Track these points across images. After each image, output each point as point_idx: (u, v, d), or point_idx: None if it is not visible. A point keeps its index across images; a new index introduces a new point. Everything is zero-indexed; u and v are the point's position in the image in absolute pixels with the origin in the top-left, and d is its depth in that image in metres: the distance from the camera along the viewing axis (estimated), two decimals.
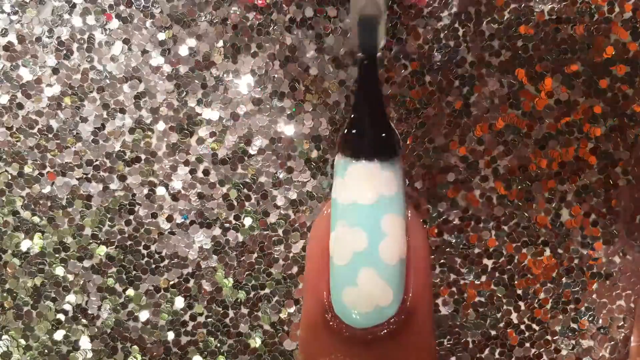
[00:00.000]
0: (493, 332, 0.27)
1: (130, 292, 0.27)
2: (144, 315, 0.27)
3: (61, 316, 0.27)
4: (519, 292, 0.27)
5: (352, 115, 0.21)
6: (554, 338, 0.27)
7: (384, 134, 0.21)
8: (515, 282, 0.27)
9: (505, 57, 0.26)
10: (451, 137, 0.27)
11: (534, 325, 0.27)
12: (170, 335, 0.27)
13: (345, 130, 0.21)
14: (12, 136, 0.27)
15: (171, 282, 0.27)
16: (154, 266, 0.27)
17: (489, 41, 0.26)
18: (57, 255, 0.27)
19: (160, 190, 0.27)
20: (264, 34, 0.26)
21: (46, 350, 0.27)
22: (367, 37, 0.21)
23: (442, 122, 0.27)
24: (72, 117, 0.27)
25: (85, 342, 0.27)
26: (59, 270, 0.27)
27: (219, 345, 0.27)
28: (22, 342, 0.27)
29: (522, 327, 0.27)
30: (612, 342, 0.27)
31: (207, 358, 0.27)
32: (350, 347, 0.20)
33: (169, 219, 0.27)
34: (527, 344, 0.27)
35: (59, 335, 0.27)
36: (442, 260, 0.27)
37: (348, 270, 0.20)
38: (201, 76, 0.26)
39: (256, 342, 0.27)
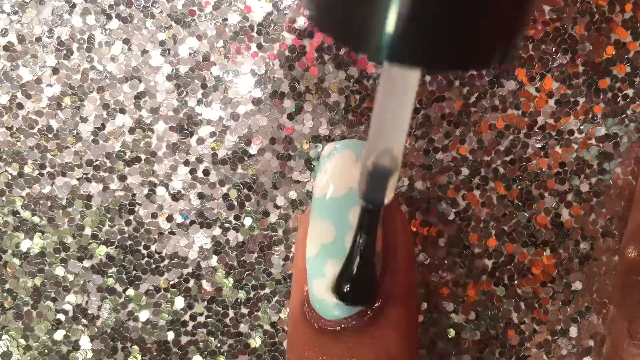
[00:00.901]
0: (493, 332, 0.27)
1: (130, 292, 0.27)
2: (144, 315, 0.27)
3: (61, 316, 0.27)
4: (519, 292, 0.27)
5: (346, 262, 0.20)
6: (554, 338, 0.27)
7: (366, 285, 0.20)
8: (515, 282, 0.27)
9: None
10: (451, 137, 0.27)
11: (534, 325, 0.27)
12: (170, 335, 0.27)
13: (339, 276, 0.20)
14: (12, 136, 0.27)
15: (171, 282, 0.27)
16: (154, 266, 0.27)
17: None
18: (57, 255, 0.27)
19: (160, 190, 0.27)
20: (264, 34, 0.26)
21: (46, 350, 0.27)
22: (375, 189, 0.19)
23: (442, 122, 0.27)
24: (72, 117, 0.27)
25: (85, 342, 0.27)
26: (59, 270, 0.27)
27: (219, 345, 0.27)
28: (22, 342, 0.27)
29: (522, 327, 0.27)
30: None
31: (207, 358, 0.27)
32: (319, 338, 0.21)
33: (169, 219, 0.27)
34: (527, 344, 0.27)
35: (59, 335, 0.27)
36: (441, 261, 0.27)
37: (317, 262, 0.21)
38: (201, 76, 0.26)
39: (256, 342, 0.27)
